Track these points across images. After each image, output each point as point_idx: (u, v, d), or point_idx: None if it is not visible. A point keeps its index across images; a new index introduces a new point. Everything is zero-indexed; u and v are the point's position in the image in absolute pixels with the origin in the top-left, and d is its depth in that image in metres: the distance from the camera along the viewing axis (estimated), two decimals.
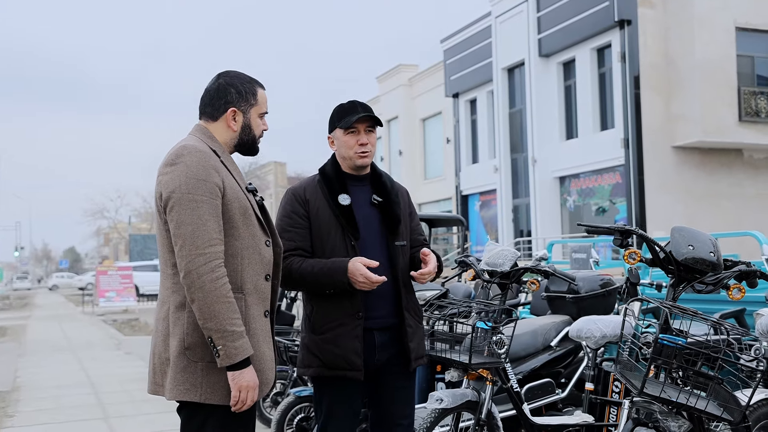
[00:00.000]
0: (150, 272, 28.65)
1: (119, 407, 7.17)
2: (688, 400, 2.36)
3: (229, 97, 2.51)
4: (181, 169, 2.33)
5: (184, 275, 2.27)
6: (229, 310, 2.28)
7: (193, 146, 2.39)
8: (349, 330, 2.86)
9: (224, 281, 2.29)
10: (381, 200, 2.99)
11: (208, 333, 2.27)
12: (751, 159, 19.68)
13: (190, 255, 2.27)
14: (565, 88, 21.50)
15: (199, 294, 2.25)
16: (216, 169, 2.38)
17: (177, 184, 2.32)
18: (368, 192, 3.01)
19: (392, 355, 2.95)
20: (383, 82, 32.39)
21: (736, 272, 2.77)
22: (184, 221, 2.29)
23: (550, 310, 4.82)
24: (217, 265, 2.29)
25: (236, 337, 2.28)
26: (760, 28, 19.00)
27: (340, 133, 2.98)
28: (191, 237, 2.28)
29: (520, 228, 23.02)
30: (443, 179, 28.24)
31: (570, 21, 20.41)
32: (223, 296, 2.27)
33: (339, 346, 2.85)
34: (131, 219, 46.89)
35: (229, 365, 2.28)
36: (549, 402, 4.16)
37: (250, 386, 2.31)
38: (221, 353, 2.27)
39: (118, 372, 9.58)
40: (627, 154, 18.73)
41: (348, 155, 2.98)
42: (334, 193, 2.95)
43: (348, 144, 2.96)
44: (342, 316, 2.88)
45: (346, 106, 3.01)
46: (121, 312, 21.80)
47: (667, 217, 18.13)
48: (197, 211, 2.29)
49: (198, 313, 2.27)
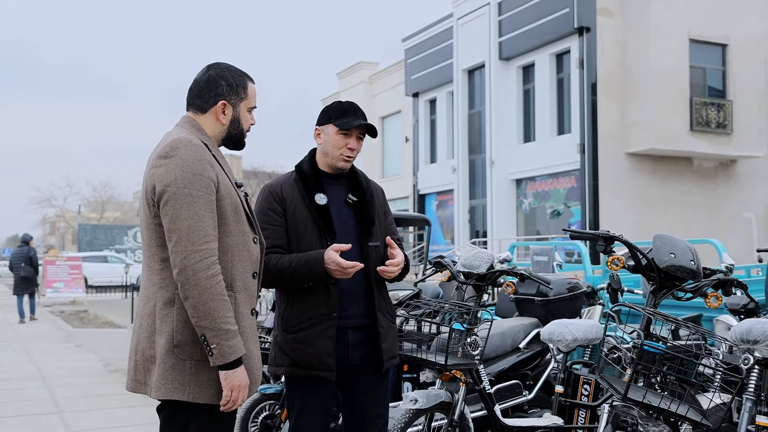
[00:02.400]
0: (99, 263, 28.02)
1: (73, 401, 7.00)
2: (669, 405, 2.42)
3: (220, 89, 2.46)
4: (177, 162, 2.27)
5: (179, 271, 2.22)
6: (223, 308, 2.24)
7: (187, 139, 2.33)
8: (322, 330, 2.85)
9: (219, 279, 2.25)
10: (356, 200, 2.98)
11: (201, 331, 2.22)
12: (701, 167, 20.25)
13: (185, 251, 2.22)
14: (524, 91, 21.77)
15: (194, 291, 2.20)
16: (210, 164, 2.33)
17: (172, 178, 2.26)
18: (344, 191, 3.01)
19: (365, 354, 2.95)
20: (343, 78, 32.31)
21: (715, 281, 2.84)
22: (179, 216, 2.23)
23: (518, 312, 4.88)
24: (212, 262, 2.24)
25: (230, 336, 2.24)
26: (712, 41, 19.55)
27: (332, 130, 2.96)
28: (187, 233, 2.23)
29: (476, 229, 23.24)
30: (401, 178, 28.32)
31: (530, 26, 20.67)
32: (218, 294, 2.23)
33: (312, 346, 2.84)
34: (81, 208, 45.78)
35: (222, 364, 2.24)
36: (516, 403, 4.21)
37: (242, 385, 2.28)
38: (215, 352, 2.22)
39: (69, 365, 9.35)
40: (583, 159, 19.07)
41: (334, 154, 2.96)
42: (310, 191, 2.94)
43: (337, 144, 2.95)
44: (316, 316, 2.86)
45: (346, 106, 3.00)
46: (69, 303, 21.27)
47: (620, 222, 18.54)
48: (193, 207, 2.24)
49: (192, 310, 2.22)
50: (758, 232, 20.82)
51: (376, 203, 3.06)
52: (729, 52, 19.80)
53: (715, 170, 20.42)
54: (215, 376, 2.28)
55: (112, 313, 17.58)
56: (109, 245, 33.11)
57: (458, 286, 3.93)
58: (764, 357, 2.78)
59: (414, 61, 26.43)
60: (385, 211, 3.12)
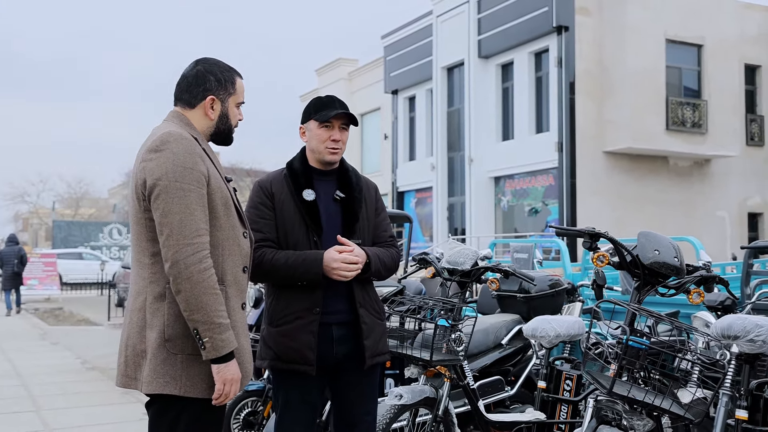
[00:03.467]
0: (74, 260, 27.68)
1: (51, 399, 6.93)
2: (653, 400, 2.46)
3: (208, 84, 2.46)
4: (168, 156, 2.27)
5: (171, 265, 2.22)
6: (216, 302, 2.24)
7: (178, 133, 2.33)
8: (304, 324, 2.86)
9: (211, 272, 2.25)
10: (343, 196, 2.99)
11: (194, 325, 2.22)
12: (676, 166, 20.51)
13: (177, 245, 2.21)
14: (503, 89, 21.89)
15: (186, 285, 2.20)
16: (201, 158, 2.33)
17: (163, 171, 2.25)
18: (333, 186, 3.02)
19: (350, 350, 2.96)
20: (322, 75, 32.24)
21: (698, 277, 2.90)
22: (171, 210, 2.23)
23: (500, 309, 4.92)
24: (204, 256, 2.24)
25: (223, 330, 2.24)
26: (688, 41, 19.80)
27: (313, 125, 2.98)
28: (179, 226, 2.22)
29: (455, 226, 23.32)
30: (380, 175, 28.33)
31: (510, 24, 20.78)
32: (210, 287, 2.23)
33: (294, 340, 2.86)
34: (55, 205, 45.15)
35: (214, 358, 2.24)
36: (499, 399, 4.25)
37: (234, 379, 2.29)
38: (207, 345, 2.22)
39: (46, 363, 9.25)
40: (561, 157, 19.22)
41: (319, 149, 2.98)
42: (299, 187, 2.95)
43: (320, 137, 2.96)
44: (299, 310, 2.88)
45: (324, 100, 3.01)
46: (43, 301, 21.02)
47: (597, 220, 18.71)
48: (185, 200, 2.24)
49: (184, 304, 2.22)
50: (731, 231, 21.15)
51: (367, 200, 3.06)
52: (704, 52, 20.06)
53: (690, 169, 20.70)
54: (207, 371, 2.28)
55: (87, 311, 17.41)
56: (84, 242, 32.68)
57: (443, 282, 3.96)
58: (742, 352, 2.84)
59: (393, 58, 26.44)
60: (377, 208, 3.11)
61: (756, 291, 5.15)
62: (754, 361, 2.86)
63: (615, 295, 5.50)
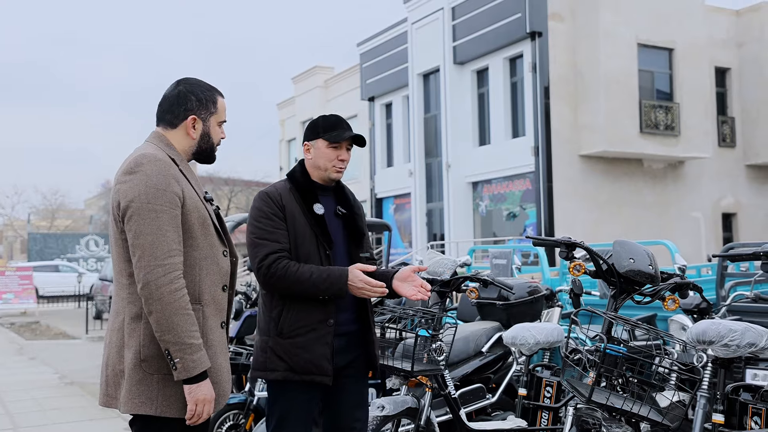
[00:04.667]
0: (50, 273, 27.35)
1: (28, 416, 6.84)
2: (632, 407, 2.51)
3: (189, 104, 2.49)
4: (141, 178, 2.29)
5: (142, 286, 2.23)
6: (187, 323, 2.25)
7: (152, 155, 2.35)
8: (320, 336, 2.90)
9: (183, 293, 2.27)
10: (345, 212, 3.07)
11: (165, 345, 2.23)
12: (651, 168, 20.76)
13: (148, 266, 2.23)
14: (479, 95, 22.03)
15: (157, 306, 2.22)
16: (176, 179, 2.35)
17: (136, 193, 2.28)
18: (333, 202, 3.09)
19: (350, 360, 3.02)
20: (299, 83, 32.21)
21: (672, 284, 2.95)
22: (143, 231, 2.25)
23: (480, 316, 4.96)
24: (176, 277, 2.26)
25: (194, 350, 2.25)
26: (659, 45, 20.07)
27: (322, 144, 3.03)
28: (150, 248, 2.24)
29: (434, 232, 23.40)
30: (358, 182, 28.35)
31: (484, 30, 20.93)
32: (181, 308, 2.25)
33: (309, 351, 2.88)
34: (30, 217, 44.58)
35: (186, 378, 2.25)
36: (480, 407, 4.28)
37: (207, 399, 2.29)
38: (178, 366, 2.24)
39: (23, 378, 9.13)
40: (537, 161, 19.37)
41: (326, 167, 3.04)
42: (309, 201, 3.00)
43: (329, 157, 3.03)
44: (313, 322, 2.91)
45: (332, 120, 3.07)
46: (19, 315, 20.73)
47: (574, 223, 18.91)
48: (157, 222, 2.26)
49: (155, 325, 2.23)
50: (706, 231, 21.45)
51: (363, 217, 3.17)
52: (675, 56, 20.35)
53: (664, 171, 20.96)
54: (182, 391, 2.29)
55: (64, 324, 17.20)
56: (60, 254, 32.32)
57: None
58: (717, 356, 2.90)
59: (369, 65, 26.50)
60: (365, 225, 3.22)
61: (731, 293, 5.24)
62: (729, 365, 2.92)
63: (593, 299, 5.57)
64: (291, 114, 32.28)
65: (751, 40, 22.43)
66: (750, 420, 2.89)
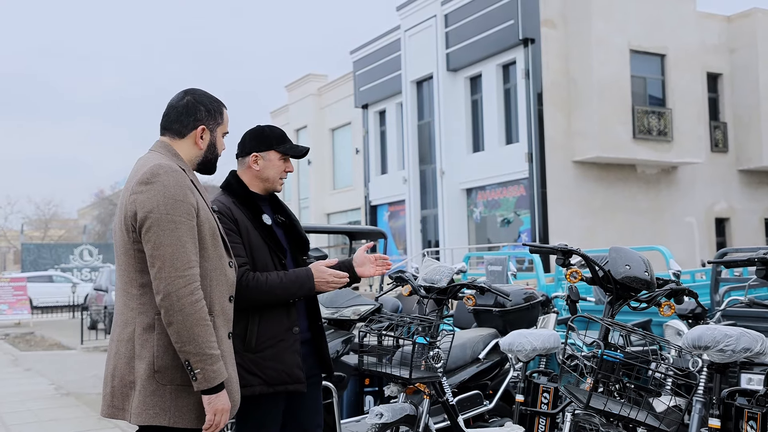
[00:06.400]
0: (44, 283, 27.21)
1: (25, 428, 6.82)
2: (629, 412, 2.53)
3: (199, 114, 2.52)
4: (158, 188, 2.30)
5: (163, 297, 2.24)
6: (207, 333, 2.27)
7: (168, 165, 2.36)
8: (289, 345, 2.92)
9: (202, 304, 2.28)
10: (284, 220, 3.12)
11: (185, 356, 2.24)
12: (644, 174, 20.85)
13: (169, 277, 2.24)
14: (472, 102, 22.10)
15: (178, 317, 2.23)
16: (191, 189, 2.37)
17: (155, 204, 2.28)
18: (271, 212, 3.12)
19: (309, 366, 3.05)
20: (292, 91, 32.25)
21: (668, 290, 2.98)
22: (162, 242, 2.26)
23: (476, 323, 4.97)
24: (196, 288, 2.27)
25: (214, 361, 2.27)
26: (651, 51, 20.19)
27: (274, 156, 3.06)
28: (170, 259, 2.25)
29: (428, 238, 23.43)
30: (352, 189, 28.38)
31: (477, 37, 21.02)
32: (201, 319, 2.26)
33: (281, 362, 2.90)
34: (23, 227, 44.41)
35: (205, 389, 2.26)
36: (477, 413, 4.30)
37: (225, 409, 2.32)
38: (199, 377, 2.24)
39: (18, 390, 9.10)
40: (531, 167, 19.44)
41: (274, 179, 3.08)
42: (257, 213, 3.02)
43: (278, 168, 3.07)
44: (281, 332, 2.92)
45: (279, 132, 3.11)
46: (13, 326, 20.64)
47: (568, 228, 18.96)
48: (176, 233, 2.27)
49: (176, 336, 2.24)
50: (700, 236, 21.54)
51: None
52: (667, 62, 20.47)
53: (657, 176, 21.05)
54: (195, 401, 2.31)
55: (59, 335, 17.13)
56: (54, 264, 32.18)
57: (419, 300, 4.00)
58: (713, 361, 2.92)
59: (363, 72, 26.57)
60: None
61: (725, 298, 5.27)
62: (724, 370, 2.94)
63: (588, 305, 5.59)
64: (285, 122, 32.30)
65: (743, 46, 22.58)
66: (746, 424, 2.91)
